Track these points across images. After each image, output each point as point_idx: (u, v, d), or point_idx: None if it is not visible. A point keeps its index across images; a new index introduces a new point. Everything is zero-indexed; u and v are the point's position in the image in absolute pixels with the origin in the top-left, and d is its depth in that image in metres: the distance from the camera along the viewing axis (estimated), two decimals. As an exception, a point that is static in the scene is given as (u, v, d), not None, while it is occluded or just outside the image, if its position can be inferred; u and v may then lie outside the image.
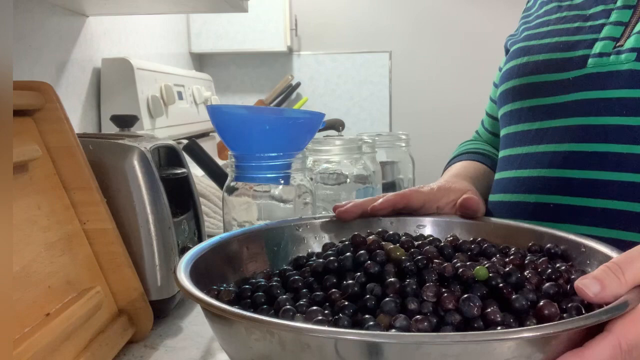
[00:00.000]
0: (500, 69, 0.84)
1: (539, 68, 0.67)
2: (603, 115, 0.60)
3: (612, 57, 0.61)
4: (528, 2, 0.82)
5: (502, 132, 0.74)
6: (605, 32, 0.63)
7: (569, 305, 0.39)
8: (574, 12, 0.68)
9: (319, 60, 2.57)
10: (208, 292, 0.43)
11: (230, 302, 0.42)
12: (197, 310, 0.67)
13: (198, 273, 0.44)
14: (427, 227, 0.60)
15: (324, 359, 0.33)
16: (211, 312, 0.37)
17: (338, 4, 2.56)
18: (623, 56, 0.60)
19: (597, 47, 0.62)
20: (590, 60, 0.62)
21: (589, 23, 0.65)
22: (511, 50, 0.74)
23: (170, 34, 1.96)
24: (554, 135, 0.64)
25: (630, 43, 0.60)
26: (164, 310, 0.65)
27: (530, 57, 0.69)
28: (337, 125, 1.94)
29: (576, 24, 0.66)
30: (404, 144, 1.16)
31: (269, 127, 0.64)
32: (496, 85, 0.86)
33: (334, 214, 0.59)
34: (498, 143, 0.88)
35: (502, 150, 0.73)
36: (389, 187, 1.12)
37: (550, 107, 0.65)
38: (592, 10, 0.66)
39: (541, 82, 0.67)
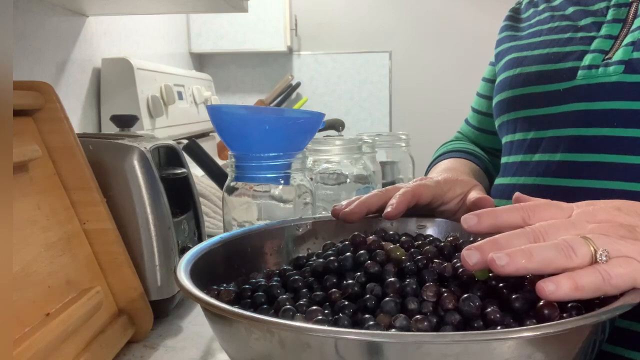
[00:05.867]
0: (491, 63, 0.84)
1: (531, 79, 0.68)
2: (593, 127, 0.60)
3: (600, 69, 0.61)
4: (519, 3, 0.82)
5: (503, 141, 0.75)
6: (595, 44, 0.63)
7: (569, 305, 0.39)
8: (565, 22, 0.68)
9: (319, 60, 2.57)
10: (208, 292, 0.43)
11: (230, 302, 0.42)
12: (197, 310, 0.67)
13: (198, 273, 0.44)
14: (427, 227, 0.59)
15: (324, 358, 0.33)
16: (211, 312, 0.37)
17: (338, 4, 2.56)
18: (611, 68, 0.60)
19: (587, 60, 0.63)
20: (579, 72, 0.63)
21: (580, 34, 0.66)
22: (504, 60, 0.75)
23: (170, 34, 1.96)
24: (548, 145, 0.65)
25: (618, 56, 0.60)
26: (164, 310, 0.65)
27: (523, 68, 0.70)
28: (337, 125, 1.94)
29: (567, 35, 0.67)
30: (404, 144, 1.16)
31: (269, 127, 0.64)
32: (486, 81, 0.87)
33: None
34: (485, 140, 0.88)
35: (502, 157, 0.75)
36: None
37: (543, 118, 0.66)
38: (582, 22, 0.66)
39: (534, 94, 0.68)
